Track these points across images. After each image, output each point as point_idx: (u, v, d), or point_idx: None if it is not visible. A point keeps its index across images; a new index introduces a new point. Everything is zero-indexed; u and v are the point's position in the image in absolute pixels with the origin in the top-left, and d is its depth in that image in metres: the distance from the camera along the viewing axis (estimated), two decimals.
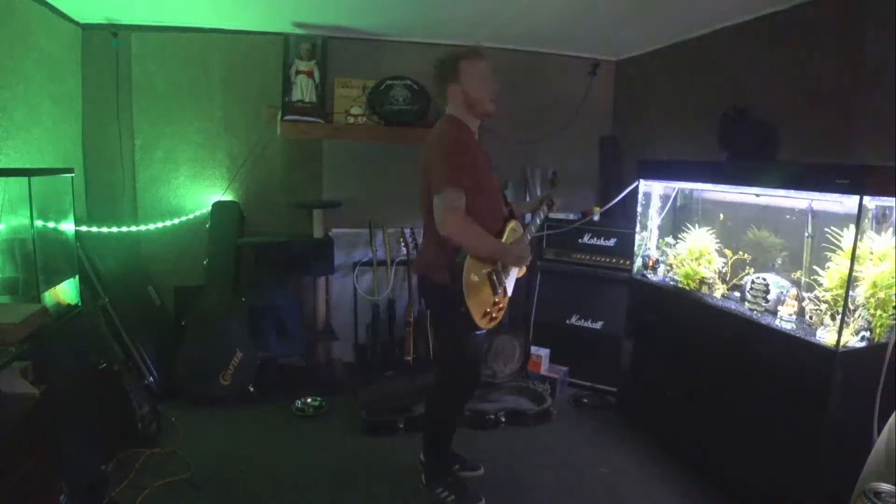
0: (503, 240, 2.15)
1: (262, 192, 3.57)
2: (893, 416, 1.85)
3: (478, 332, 2.12)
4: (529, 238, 2.25)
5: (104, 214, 3.28)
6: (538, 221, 2.34)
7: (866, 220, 1.96)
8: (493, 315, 2.11)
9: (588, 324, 3.42)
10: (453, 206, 1.93)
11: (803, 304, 2.19)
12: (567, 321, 3.46)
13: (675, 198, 2.95)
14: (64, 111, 3.04)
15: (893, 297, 1.99)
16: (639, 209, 2.96)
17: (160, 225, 3.36)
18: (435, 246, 2.09)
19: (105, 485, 2.18)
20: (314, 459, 2.60)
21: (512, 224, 2.22)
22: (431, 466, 2.31)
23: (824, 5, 2.45)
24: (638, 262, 2.98)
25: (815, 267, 2.20)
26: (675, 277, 2.78)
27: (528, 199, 3.94)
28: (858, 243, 1.92)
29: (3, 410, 1.53)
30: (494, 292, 2.10)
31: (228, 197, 3.50)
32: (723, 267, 2.61)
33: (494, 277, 2.09)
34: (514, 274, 2.25)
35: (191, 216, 3.44)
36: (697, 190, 2.88)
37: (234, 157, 3.50)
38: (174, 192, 3.47)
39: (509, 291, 2.21)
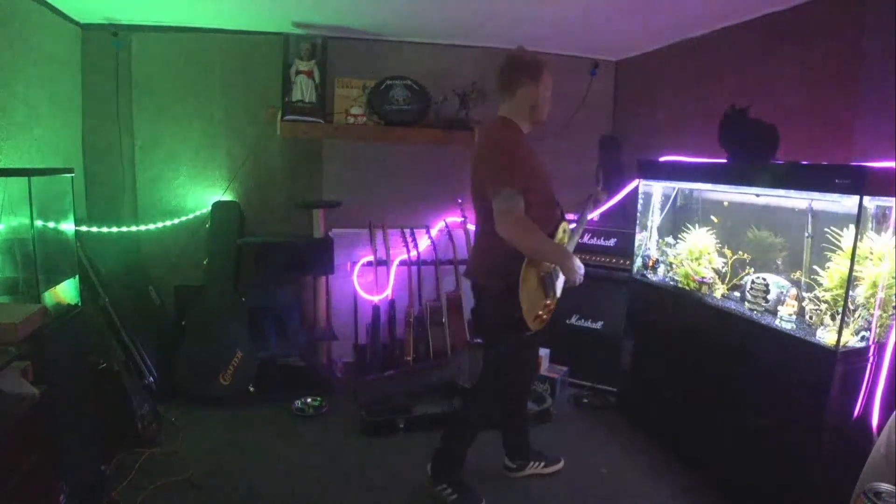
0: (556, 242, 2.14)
1: (262, 192, 3.57)
2: (893, 416, 1.85)
3: (527, 334, 2.11)
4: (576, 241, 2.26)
5: (104, 214, 3.28)
6: (584, 222, 2.34)
7: (866, 221, 1.96)
8: (544, 317, 2.13)
9: (588, 324, 3.42)
10: (510, 207, 1.92)
11: (803, 304, 2.19)
12: (567, 321, 3.46)
13: (675, 198, 2.95)
14: (64, 111, 3.04)
15: (893, 297, 2.00)
16: (639, 209, 2.96)
17: (160, 225, 3.36)
18: (488, 250, 2.09)
19: (105, 485, 2.19)
20: (314, 459, 2.60)
21: (563, 225, 2.20)
22: (442, 462, 2.30)
23: (824, 5, 2.45)
24: (638, 262, 2.98)
25: (815, 267, 2.20)
26: (675, 277, 2.78)
27: None
28: (858, 243, 1.92)
29: (3, 410, 1.53)
30: (546, 295, 2.11)
31: (228, 197, 3.50)
32: (723, 267, 2.61)
33: (547, 280, 2.10)
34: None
35: (191, 216, 3.44)
36: (697, 190, 2.89)
37: (234, 157, 3.50)
38: (174, 192, 3.47)
39: (559, 293, 2.21)
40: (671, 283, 2.79)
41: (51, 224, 2.21)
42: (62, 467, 1.84)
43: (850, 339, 1.98)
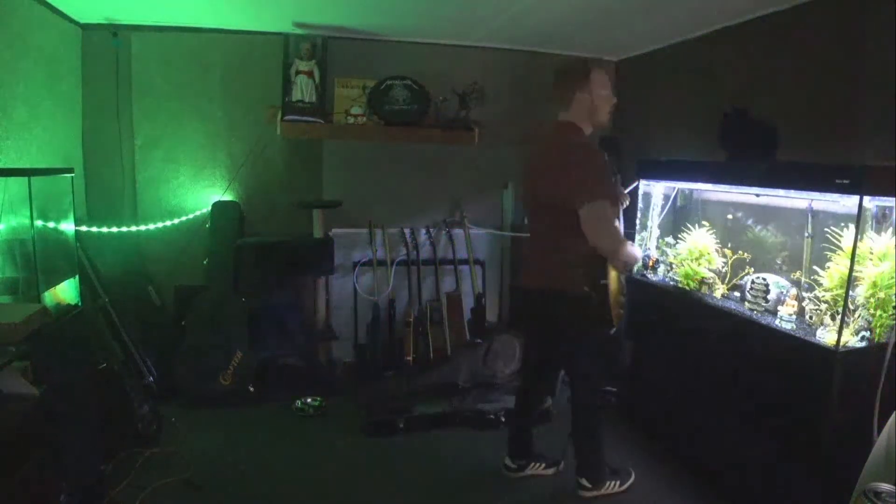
0: None
1: (262, 192, 3.57)
2: (893, 416, 1.85)
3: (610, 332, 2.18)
4: None
5: (104, 214, 3.27)
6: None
7: (866, 221, 1.96)
8: (621, 311, 2.19)
9: None
10: (603, 216, 1.98)
11: (803, 304, 2.19)
12: None
13: (675, 198, 2.95)
14: (64, 111, 3.04)
15: (893, 297, 1.99)
16: (639, 209, 2.96)
17: (160, 225, 3.35)
18: (564, 257, 2.08)
19: (105, 485, 2.18)
20: (314, 459, 2.60)
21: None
22: (595, 470, 2.33)
23: (824, 5, 2.45)
24: (638, 262, 2.97)
25: (815, 267, 2.20)
26: (675, 277, 2.78)
27: None
28: (858, 243, 1.92)
29: (3, 410, 1.53)
30: (622, 292, 2.20)
31: (228, 197, 3.50)
32: (722, 267, 2.61)
33: (622, 279, 2.18)
34: None
35: (191, 216, 3.44)
36: (697, 190, 2.89)
37: (234, 157, 3.50)
38: (174, 192, 3.47)
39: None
40: (671, 283, 2.79)
41: (51, 224, 2.22)
42: (62, 467, 1.84)
43: (850, 339, 1.97)
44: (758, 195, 2.45)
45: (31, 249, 2.02)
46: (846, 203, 2.02)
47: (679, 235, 2.82)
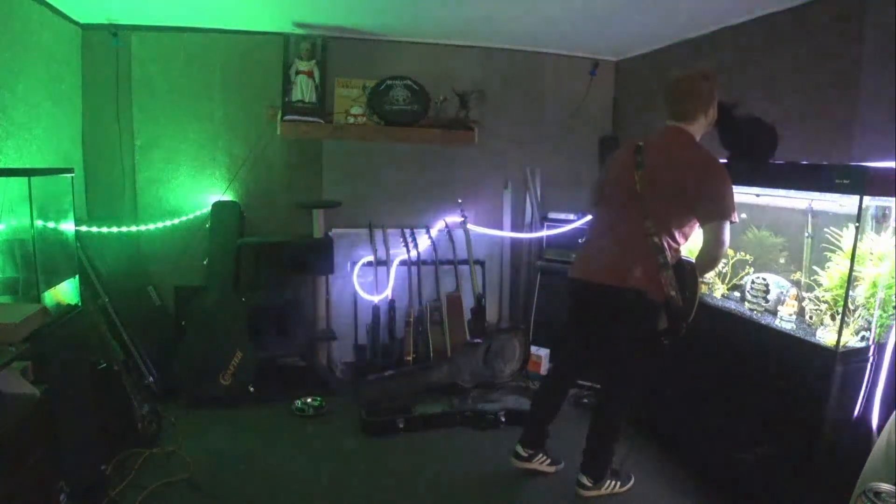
0: None
1: (262, 192, 3.57)
2: (893, 416, 1.85)
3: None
4: None
5: (104, 214, 3.28)
6: None
7: (866, 221, 1.96)
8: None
9: None
10: (726, 238, 2.03)
11: (803, 304, 2.19)
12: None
13: None
14: (64, 111, 3.04)
15: (893, 297, 1.99)
16: None
17: (160, 225, 3.35)
18: (660, 259, 2.06)
19: (105, 485, 2.19)
20: (314, 459, 2.60)
21: None
22: (597, 464, 2.34)
23: (824, 5, 2.45)
24: None
25: (815, 267, 2.20)
26: None
27: (528, 199, 3.94)
28: (858, 243, 1.92)
29: (3, 410, 1.53)
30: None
31: (228, 197, 3.50)
32: (723, 267, 2.61)
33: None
34: None
35: (191, 216, 3.44)
36: None
37: (234, 157, 3.50)
38: (174, 192, 3.47)
39: None
40: None
41: (51, 224, 2.21)
42: (62, 467, 1.84)
43: (850, 339, 1.98)
44: (758, 195, 2.45)
45: (31, 249, 2.02)
46: (846, 203, 2.02)
47: None
